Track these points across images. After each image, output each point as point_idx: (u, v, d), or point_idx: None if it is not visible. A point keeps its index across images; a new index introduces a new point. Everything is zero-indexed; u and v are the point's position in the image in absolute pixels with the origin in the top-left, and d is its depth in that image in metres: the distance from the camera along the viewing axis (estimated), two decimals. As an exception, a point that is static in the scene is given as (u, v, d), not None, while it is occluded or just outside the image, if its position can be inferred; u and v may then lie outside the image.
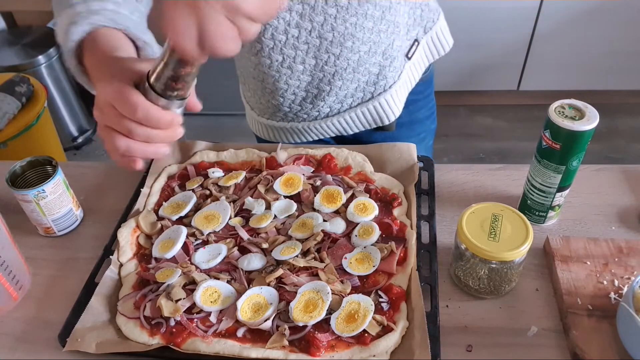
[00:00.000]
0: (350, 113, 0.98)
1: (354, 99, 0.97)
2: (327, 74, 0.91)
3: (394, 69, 0.95)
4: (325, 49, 0.87)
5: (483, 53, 2.46)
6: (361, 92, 0.96)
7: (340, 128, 1.01)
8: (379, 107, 0.98)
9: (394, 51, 0.93)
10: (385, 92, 0.97)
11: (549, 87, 2.57)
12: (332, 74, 0.91)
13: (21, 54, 2.35)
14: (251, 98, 1.06)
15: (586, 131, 0.68)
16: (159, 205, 0.84)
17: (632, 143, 2.48)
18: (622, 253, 0.72)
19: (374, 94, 0.97)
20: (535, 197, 0.77)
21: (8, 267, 0.71)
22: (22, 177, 0.81)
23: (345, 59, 0.89)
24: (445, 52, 1.05)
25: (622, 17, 2.32)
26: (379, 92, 0.97)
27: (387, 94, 0.97)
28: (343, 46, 0.87)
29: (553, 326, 0.66)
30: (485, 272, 0.67)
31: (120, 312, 0.69)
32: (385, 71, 0.94)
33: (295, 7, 0.82)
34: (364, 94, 0.97)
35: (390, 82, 0.96)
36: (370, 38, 0.88)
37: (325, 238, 0.76)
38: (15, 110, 1.91)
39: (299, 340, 0.64)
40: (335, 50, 0.88)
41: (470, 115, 2.70)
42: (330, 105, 0.97)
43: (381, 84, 0.96)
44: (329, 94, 0.94)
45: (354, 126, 1.01)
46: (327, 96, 0.94)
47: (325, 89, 0.93)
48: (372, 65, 0.92)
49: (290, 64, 0.89)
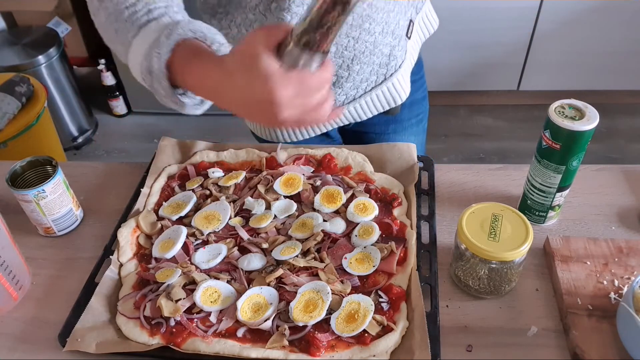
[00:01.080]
0: (366, 98, 0.98)
1: (368, 83, 0.96)
2: (347, 59, 0.90)
3: (401, 48, 0.95)
4: (346, 33, 0.86)
5: (483, 53, 2.46)
6: (375, 75, 0.95)
7: (355, 115, 1.00)
8: (392, 87, 0.97)
9: (400, 30, 0.93)
10: (396, 72, 0.96)
11: (549, 87, 2.57)
12: (351, 58, 0.90)
13: (21, 54, 2.35)
14: None
15: (586, 131, 0.68)
16: (159, 205, 0.84)
17: (632, 143, 2.48)
18: (622, 253, 0.72)
19: (386, 75, 0.96)
20: (535, 197, 0.77)
21: (8, 267, 0.71)
22: (22, 177, 0.81)
23: (363, 42, 0.88)
24: (433, 30, 1.05)
25: (622, 17, 2.32)
26: (391, 73, 0.96)
27: (398, 74, 0.97)
28: (361, 28, 0.87)
29: (553, 326, 0.66)
30: (485, 272, 0.67)
31: (120, 312, 0.69)
32: (394, 51, 0.94)
33: None
34: (377, 77, 0.96)
35: (400, 61, 0.96)
36: (382, 18, 0.88)
37: (325, 238, 0.76)
38: (15, 110, 1.91)
39: (299, 340, 0.64)
40: (354, 33, 0.87)
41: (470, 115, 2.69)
42: (347, 93, 0.96)
43: (392, 64, 0.95)
44: (347, 79, 0.93)
45: (368, 111, 1.00)
46: (345, 82, 0.93)
47: (343, 75, 0.92)
48: (385, 45, 0.92)
49: None
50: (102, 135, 2.71)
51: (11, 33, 2.49)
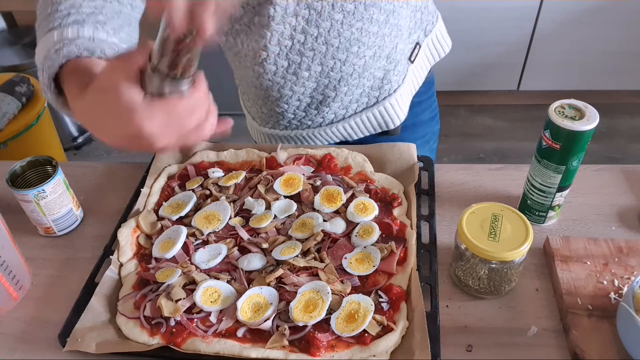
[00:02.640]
0: (355, 118, 0.97)
1: (358, 104, 0.96)
2: (333, 79, 0.90)
3: (398, 73, 0.95)
4: (332, 55, 0.86)
5: (483, 53, 2.46)
6: (366, 97, 0.95)
7: (345, 134, 1.00)
8: (384, 111, 0.97)
9: (397, 55, 0.93)
10: (390, 96, 0.96)
11: (549, 87, 2.57)
12: (338, 79, 0.90)
13: (21, 54, 2.35)
14: (252, 108, 1.05)
15: (586, 131, 0.68)
16: (159, 205, 0.84)
17: (632, 143, 2.48)
18: (622, 253, 0.72)
19: (378, 98, 0.96)
20: (535, 197, 0.77)
21: (8, 267, 0.71)
22: (22, 177, 0.81)
23: (351, 65, 0.88)
24: (445, 53, 1.05)
25: (622, 17, 2.32)
26: (384, 97, 0.96)
27: (392, 98, 0.96)
28: (349, 51, 0.87)
29: (553, 326, 0.66)
30: (485, 272, 0.67)
31: (120, 312, 0.69)
32: (389, 75, 0.94)
33: (301, 13, 0.81)
34: (368, 99, 0.96)
35: (395, 86, 0.96)
36: (375, 42, 0.88)
37: (325, 238, 0.76)
38: (15, 110, 1.91)
39: (299, 340, 0.64)
40: (341, 55, 0.87)
41: (470, 115, 2.70)
42: (335, 112, 0.96)
43: (386, 88, 0.95)
44: (334, 99, 0.93)
45: (359, 131, 1.00)
46: (332, 102, 0.93)
47: (330, 95, 0.92)
48: (377, 69, 0.92)
49: (295, 69, 0.88)
50: (102, 135, 2.71)
51: (11, 33, 2.49)
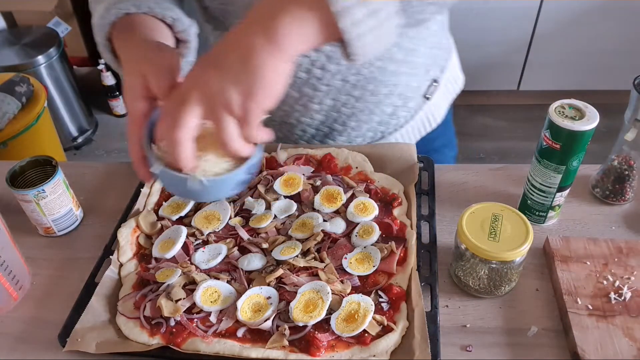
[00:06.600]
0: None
1: (364, 138, 0.95)
2: (343, 114, 0.88)
3: (407, 109, 0.93)
4: (347, 91, 0.85)
5: (483, 53, 2.46)
6: (372, 131, 0.94)
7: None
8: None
9: (409, 92, 0.91)
10: (396, 131, 0.95)
11: (549, 87, 2.57)
12: (349, 115, 0.89)
13: (21, 54, 2.35)
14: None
15: (586, 131, 0.68)
16: (159, 205, 0.84)
17: (632, 143, 2.48)
18: (621, 253, 0.72)
19: (384, 133, 0.95)
20: (535, 197, 0.77)
21: (8, 267, 0.71)
22: (22, 177, 0.81)
23: (364, 102, 0.87)
24: (460, 88, 1.02)
25: (622, 17, 2.32)
26: (390, 132, 0.95)
27: (398, 133, 0.95)
28: (365, 89, 0.85)
29: (553, 326, 0.66)
30: (485, 272, 0.67)
31: (120, 312, 0.69)
32: (398, 111, 0.92)
33: (324, 49, 0.79)
34: (374, 134, 0.94)
35: (402, 121, 0.94)
36: (390, 80, 0.86)
37: (325, 238, 0.76)
38: (15, 110, 1.91)
39: (299, 340, 0.64)
40: (356, 93, 0.85)
41: (470, 115, 2.70)
42: (339, 143, 0.94)
43: (393, 123, 0.94)
44: (341, 133, 0.92)
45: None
46: (339, 136, 0.92)
47: (337, 129, 0.91)
48: (387, 105, 0.90)
49: (305, 102, 0.87)
50: (102, 135, 2.71)
51: (11, 33, 2.50)
